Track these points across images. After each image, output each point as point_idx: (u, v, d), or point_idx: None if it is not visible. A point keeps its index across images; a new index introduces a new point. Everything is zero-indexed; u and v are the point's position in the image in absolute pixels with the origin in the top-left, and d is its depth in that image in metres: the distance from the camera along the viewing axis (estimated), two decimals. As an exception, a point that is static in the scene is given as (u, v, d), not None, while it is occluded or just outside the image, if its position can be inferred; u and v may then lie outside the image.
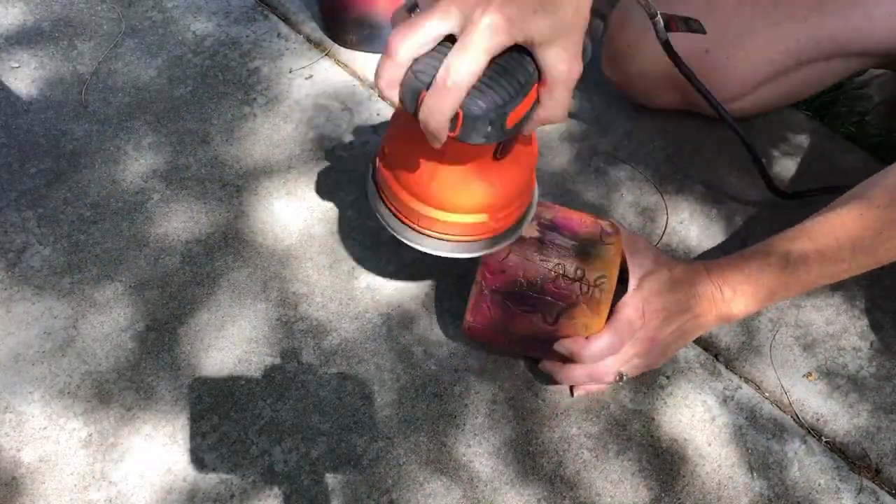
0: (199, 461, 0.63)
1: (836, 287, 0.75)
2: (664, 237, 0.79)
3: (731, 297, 0.62)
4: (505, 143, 0.52)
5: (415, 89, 0.45)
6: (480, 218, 0.55)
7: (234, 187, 0.80)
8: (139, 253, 0.75)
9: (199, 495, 0.62)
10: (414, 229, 0.57)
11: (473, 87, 0.44)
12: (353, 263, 0.75)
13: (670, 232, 0.79)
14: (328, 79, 0.89)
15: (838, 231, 0.60)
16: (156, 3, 0.96)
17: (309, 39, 0.93)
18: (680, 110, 0.86)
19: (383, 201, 0.58)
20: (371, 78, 0.90)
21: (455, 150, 0.51)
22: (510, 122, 0.46)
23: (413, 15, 0.47)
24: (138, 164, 0.81)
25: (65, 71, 0.88)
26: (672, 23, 0.63)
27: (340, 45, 0.92)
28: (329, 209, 0.79)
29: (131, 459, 0.63)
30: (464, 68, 0.43)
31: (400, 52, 0.45)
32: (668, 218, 0.80)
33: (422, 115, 0.45)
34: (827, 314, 0.74)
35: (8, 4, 0.94)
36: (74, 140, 0.83)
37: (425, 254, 0.58)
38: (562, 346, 0.61)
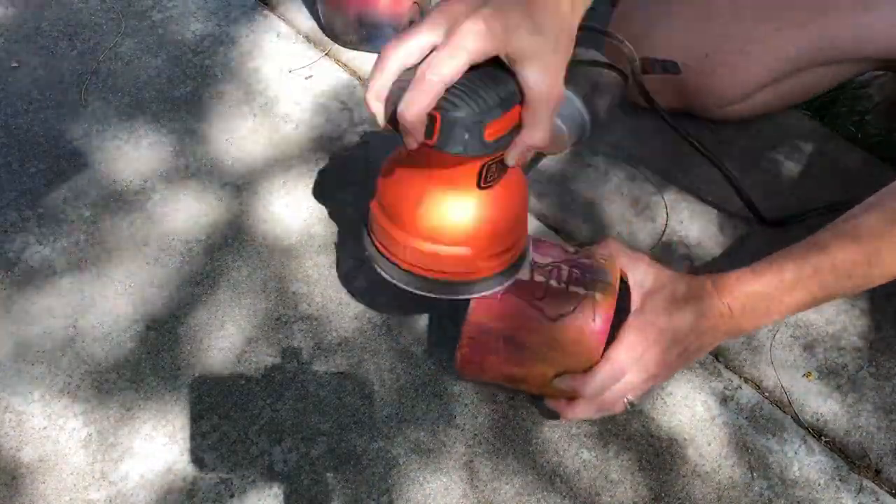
0: (199, 461, 0.63)
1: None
2: (664, 237, 0.79)
3: (740, 313, 0.59)
4: (490, 170, 0.51)
5: (396, 98, 0.46)
6: (463, 251, 0.54)
7: (233, 187, 0.80)
8: (139, 253, 0.75)
9: (199, 495, 0.62)
10: (401, 268, 0.56)
11: (453, 93, 0.45)
12: (354, 263, 0.75)
13: (670, 232, 0.79)
14: (328, 79, 0.89)
15: (853, 244, 0.58)
16: (156, 3, 0.96)
17: (309, 39, 0.93)
18: (680, 111, 0.86)
19: (374, 241, 0.58)
20: (371, 78, 0.90)
21: (440, 174, 0.51)
22: (489, 135, 0.46)
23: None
24: (138, 163, 0.81)
25: (65, 71, 0.88)
26: (648, 67, 0.64)
27: (340, 44, 0.92)
28: (329, 209, 0.79)
29: (131, 459, 0.63)
30: (444, 64, 0.44)
31: (388, 63, 0.46)
32: (668, 218, 0.80)
33: (400, 108, 0.45)
34: (827, 314, 0.74)
35: (8, 4, 0.94)
36: (74, 140, 0.82)
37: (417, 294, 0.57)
38: (562, 383, 0.59)
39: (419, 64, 0.45)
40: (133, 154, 0.82)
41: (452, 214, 0.53)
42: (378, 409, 0.67)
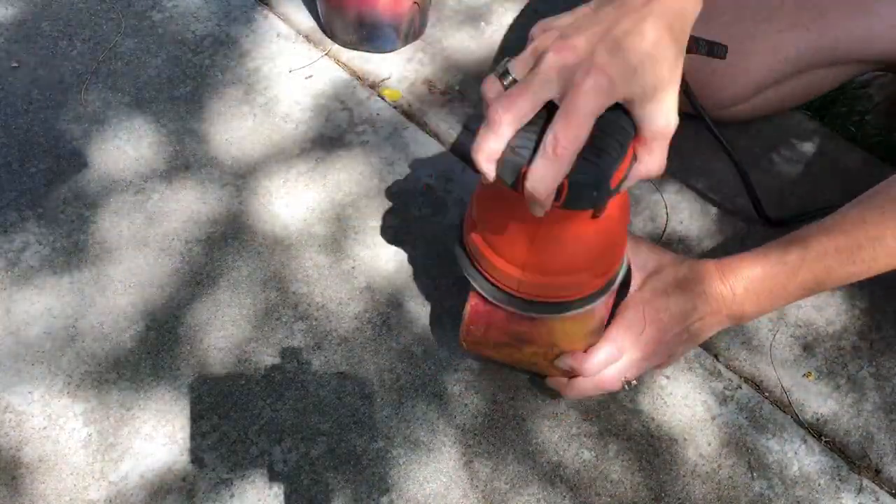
0: (199, 461, 0.63)
1: (841, 285, 0.75)
2: (664, 237, 0.79)
3: (742, 297, 0.59)
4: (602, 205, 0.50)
5: (515, 164, 0.44)
6: (578, 277, 0.54)
7: (233, 187, 0.80)
8: (139, 253, 0.75)
9: (199, 495, 0.62)
10: (513, 296, 0.55)
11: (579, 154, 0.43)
12: (353, 263, 0.75)
13: (670, 232, 0.79)
14: (328, 79, 0.89)
15: (859, 229, 0.58)
16: (156, 3, 0.96)
17: (309, 39, 0.93)
18: (680, 111, 0.86)
19: (478, 270, 0.56)
20: (371, 77, 0.90)
21: (554, 216, 0.49)
22: (613, 184, 0.45)
23: (506, 83, 0.45)
24: (138, 164, 0.81)
25: (65, 71, 0.88)
26: (693, 45, 0.61)
27: (340, 44, 0.92)
28: (329, 209, 0.79)
29: (131, 459, 0.63)
30: (572, 135, 0.42)
31: (503, 125, 0.43)
32: (668, 218, 0.80)
33: (529, 185, 0.43)
34: (827, 314, 0.74)
35: (8, 4, 0.94)
36: (74, 140, 0.82)
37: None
38: (562, 361, 0.59)
39: (528, 123, 0.44)
40: (133, 154, 0.82)
41: (568, 247, 0.52)
42: (378, 409, 0.67)
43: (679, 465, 0.65)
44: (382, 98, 0.88)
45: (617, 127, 0.45)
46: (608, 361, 0.59)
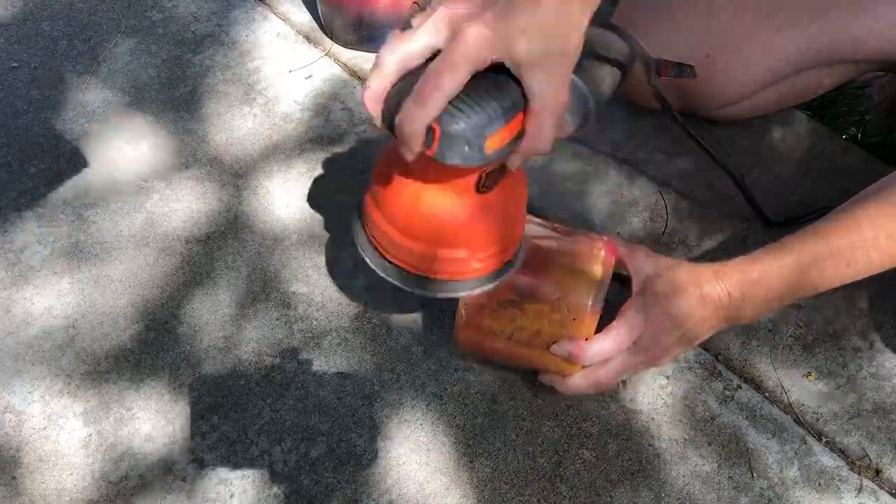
0: (199, 461, 0.63)
1: (836, 287, 0.75)
2: (664, 237, 0.79)
3: (739, 300, 0.59)
4: (489, 175, 0.50)
5: (395, 103, 0.45)
6: (460, 254, 0.53)
7: (233, 187, 0.80)
8: (139, 253, 0.75)
9: (199, 495, 0.62)
10: (393, 264, 0.55)
11: (454, 104, 0.44)
12: (353, 263, 0.75)
13: (670, 232, 0.79)
14: (328, 79, 0.89)
15: (853, 231, 0.58)
16: (155, 2, 0.96)
17: (308, 39, 0.93)
18: (680, 112, 0.86)
19: (367, 235, 0.57)
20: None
21: (438, 178, 0.50)
22: (490, 147, 0.45)
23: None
24: (138, 164, 0.81)
25: (65, 71, 0.88)
26: (664, 68, 0.62)
27: (340, 44, 0.92)
28: (329, 209, 0.79)
29: (131, 459, 0.63)
30: (446, 76, 0.43)
31: (387, 63, 0.45)
32: (668, 218, 0.80)
33: (398, 121, 0.44)
34: (827, 314, 0.74)
35: (8, 4, 0.94)
36: (74, 140, 0.82)
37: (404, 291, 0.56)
38: (560, 347, 0.60)
39: (418, 67, 0.45)
40: (133, 154, 0.82)
41: (449, 218, 0.52)
42: (378, 409, 0.67)
43: (679, 465, 0.65)
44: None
45: (504, 92, 0.45)
46: (607, 353, 0.59)
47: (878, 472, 0.65)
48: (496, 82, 0.45)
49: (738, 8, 0.77)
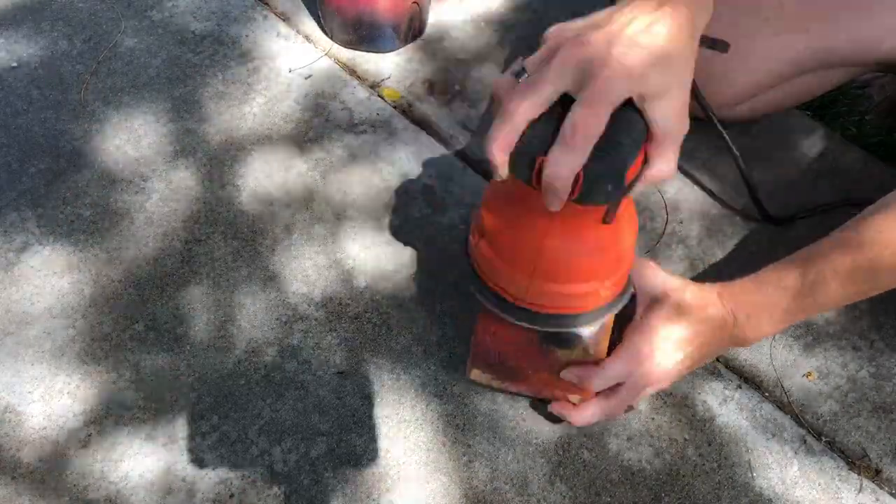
0: (199, 461, 0.63)
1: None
2: (664, 237, 0.79)
3: (744, 322, 0.59)
4: (613, 206, 0.49)
5: (530, 154, 0.44)
6: (589, 287, 0.53)
7: (233, 187, 0.80)
8: (139, 253, 0.75)
9: (199, 495, 0.62)
10: (521, 308, 0.54)
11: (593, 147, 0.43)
12: (353, 263, 0.75)
13: (670, 232, 0.79)
14: (328, 78, 0.89)
15: (857, 250, 0.58)
16: (155, 2, 0.96)
17: (308, 39, 0.93)
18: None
19: (480, 279, 0.55)
20: (371, 77, 0.90)
21: (565, 218, 0.49)
22: (627, 180, 0.45)
23: (521, 80, 0.45)
24: (138, 163, 0.81)
25: (64, 71, 0.88)
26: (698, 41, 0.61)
27: (340, 44, 0.92)
28: (329, 209, 0.79)
29: (131, 459, 0.63)
30: (591, 123, 0.42)
31: (517, 115, 0.44)
32: (667, 218, 0.80)
33: (547, 173, 0.43)
34: (827, 314, 0.74)
35: (7, 3, 0.94)
36: (74, 140, 0.82)
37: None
38: (570, 373, 0.59)
39: (546, 114, 0.44)
40: (133, 154, 0.82)
41: (579, 254, 0.51)
42: (378, 409, 0.67)
43: (679, 465, 0.65)
44: (382, 98, 0.88)
45: (631, 124, 0.45)
46: (615, 379, 0.59)
47: (878, 472, 0.65)
48: (624, 117, 0.45)
49: (736, 12, 0.77)
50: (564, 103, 0.44)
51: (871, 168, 0.84)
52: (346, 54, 0.92)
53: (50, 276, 0.73)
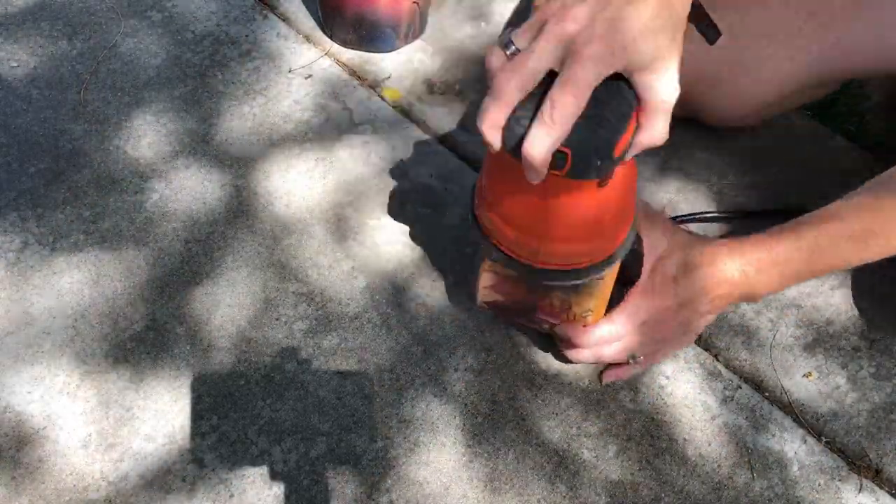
0: (198, 461, 0.63)
1: (837, 286, 0.75)
2: (664, 237, 0.79)
3: (755, 278, 0.60)
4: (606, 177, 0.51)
5: (516, 132, 0.45)
6: (590, 246, 0.54)
7: (233, 187, 0.80)
8: (139, 253, 0.75)
9: (199, 495, 0.62)
10: (525, 264, 0.56)
11: (578, 123, 0.44)
12: (353, 263, 0.75)
13: (670, 232, 0.79)
14: (328, 78, 0.89)
15: (871, 212, 0.59)
16: (155, 2, 0.96)
17: (308, 39, 0.93)
18: (681, 117, 0.86)
19: (490, 240, 0.57)
20: (371, 77, 0.90)
21: (563, 183, 0.50)
22: (617, 153, 0.46)
23: (509, 52, 0.46)
24: (137, 163, 0.81)
25: (64, 71, 0.88)
26: (692, 17, 0.55)
27: (340, 44, 0.92)
28: (329, 209, 0.79)
29: (131, 459, 0.63)
30: (568, 101, 0.43)
31: (506, 94, 0.44)
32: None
33: (524, 150, 0.44)
34: (827, 314, 0.74)
35: (7, 3, 0.94)
36: (74, 140, 0.82)
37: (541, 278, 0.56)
38: (560, 329, 0.61)
39: (533, 91, 0.44)
40: (133, 154, 0.82)
41: (577, 216, 0.52)
42: (378, 409, 0.67)
43: (679, 465, 0.65)
44: (382, 98, 0.88)
45: (619, 97, 0.45)
46: (605, 341, 0.60)
47: (878, 472, 0.65)
48: (610, 88, 0.45)
49: (742, 28, 0.76)
50: (553, 79, 0.45)
51: (871, 168, 0.84)
52: (347, 54, 0.92)
53: (50, 276, 0.73)
